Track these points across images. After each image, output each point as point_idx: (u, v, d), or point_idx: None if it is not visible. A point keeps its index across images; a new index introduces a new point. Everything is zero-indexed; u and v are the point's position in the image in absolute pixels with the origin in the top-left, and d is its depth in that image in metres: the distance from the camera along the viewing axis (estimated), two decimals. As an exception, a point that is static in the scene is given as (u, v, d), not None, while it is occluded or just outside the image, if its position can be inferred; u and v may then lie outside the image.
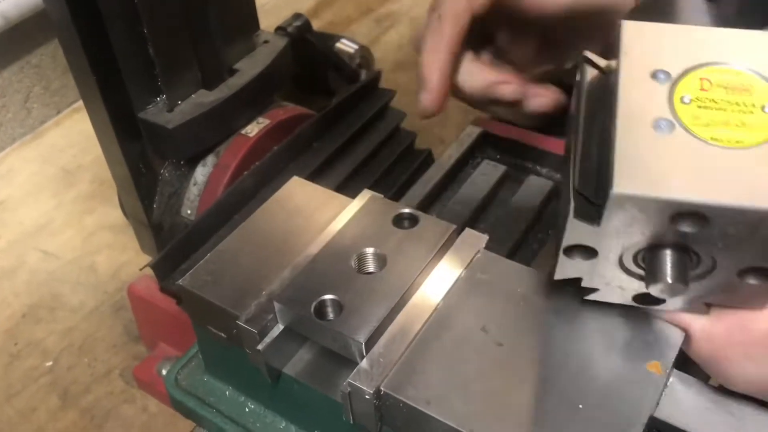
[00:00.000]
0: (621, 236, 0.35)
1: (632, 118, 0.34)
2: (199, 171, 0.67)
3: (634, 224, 0.34)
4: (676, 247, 0.35)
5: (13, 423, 0.75)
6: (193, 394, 0.50)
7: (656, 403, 0.38)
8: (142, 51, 0.61)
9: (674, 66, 0.35)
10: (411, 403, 0.38)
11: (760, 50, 0.35)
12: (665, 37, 0.36)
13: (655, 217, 0.33)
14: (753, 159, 0.32)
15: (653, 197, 0.32)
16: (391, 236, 0.45)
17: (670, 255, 0.35)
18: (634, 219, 0.34)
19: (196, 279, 0.45)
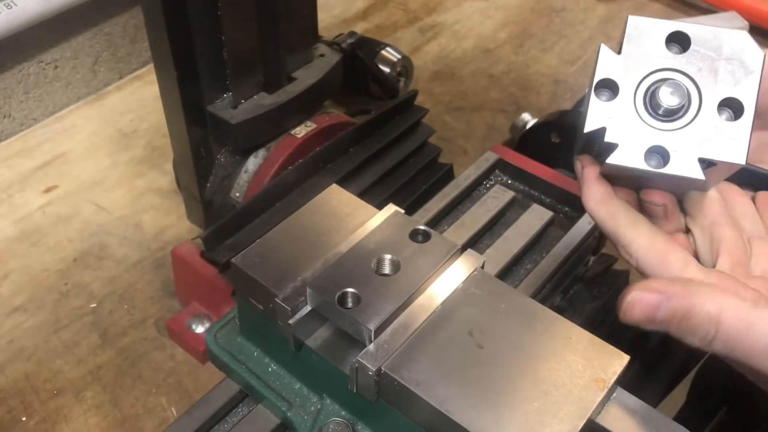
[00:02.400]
0: (636, 65, 0.48)
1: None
2: (251, 161, 0.77)
3: (644, 48, 0.47)
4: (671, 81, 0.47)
5: (58, 352, 0.86)
6: (228, 350, 0.61)
7: (596, 410, 0.49)
8: (217, 54, 0.71)
9: None
10: (404, 382, 0.49)
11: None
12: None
13: (656, 40, 0.47)
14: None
15: (654, 19, 0.47)
16: (407, 247, 0.55)
17: (668, 90, 0.47)
18: (643, 43, 0.47)
19: (247, 259, 0.56)
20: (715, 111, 0.47)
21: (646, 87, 0.48)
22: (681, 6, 1.43)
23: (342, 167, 0.79)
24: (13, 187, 1.05)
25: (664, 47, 0.48)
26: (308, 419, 0.56)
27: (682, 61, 0.47)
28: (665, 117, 0.47)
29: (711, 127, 0.47)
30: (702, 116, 0.47)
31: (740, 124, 0.47)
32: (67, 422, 0.80)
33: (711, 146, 0.47)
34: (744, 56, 0.46)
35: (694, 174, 0.47)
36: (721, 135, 0.47)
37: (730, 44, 0.47)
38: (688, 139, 0.47)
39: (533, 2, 1.44)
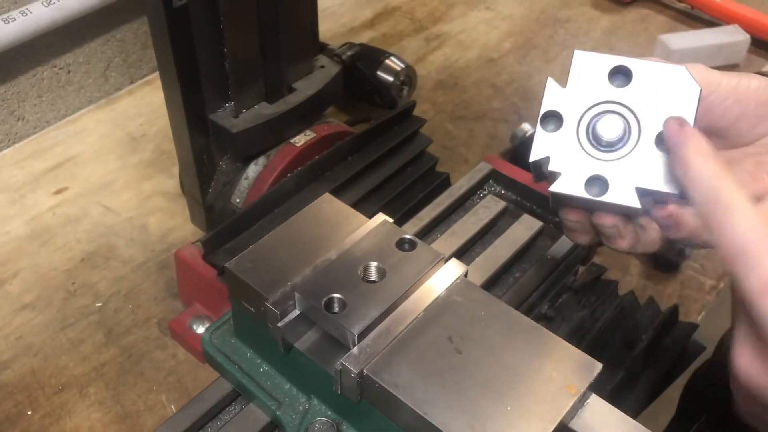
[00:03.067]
0: (580, 98, 0.50)
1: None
2: (251, 168, 0.80)
3: (588, 82, 0.50)
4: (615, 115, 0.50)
5: (64, 349, 0.89)
6: (222, 351, 0.63)
7: (568, 415, 0.51)
8: (220, 66, 0.74)
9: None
10: (384, 385, 0.51)
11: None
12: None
13: (599, 74, 0.50)
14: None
15: (598, 54, 0.50)
16: (393, 255, 0.58)
17: (608, 123, 0.50)
18: (587, 77, 0.50)
19: (240, 264, 0.58)
20: (653, 143, 0.49)
21: (588, 119, 0.50)
22: (685, 19, 1.45)
23: (340, 175, 0.81)
24: (24, 188, 1.08)
25: (607, 81, 0.50)
26: (296, 418, 0.59)
27: (624, 94, 0.50)
28: (605, 148, 0.50)
29: (648, 158, 0.49)
30: (640, 148, 0.50)
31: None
32: (70, 417, 0.82)
33: (647, 177, 0.49)
34: (682, 91, 0.49)
35: (631, 203, 0.50)
36: (658, 166, 0.49)
37: (669, 79, 0.49)
38: (626, 169, 0.50)
39: (538, 13, 1.46)
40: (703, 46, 1.30)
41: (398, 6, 1.46)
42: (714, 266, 1.00)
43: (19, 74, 1.10)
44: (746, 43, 1.31)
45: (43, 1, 1.04)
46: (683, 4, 1.45)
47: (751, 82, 0.56)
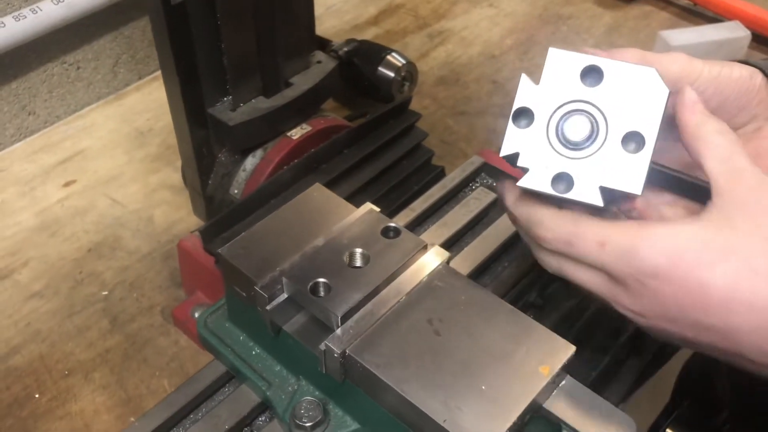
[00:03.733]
0: (551, 96, 0.52)
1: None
2: (249, 160, 0.83)
3: (560, 80, 0.51)
4: (582, 115, 0.51)
5: (71, 335, 0.92)
6: (216, 334, 0.66)
7: (541, 394, 0.53)
8: (218, 61, 0.76)
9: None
10: (365, 364, 0.53)
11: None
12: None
13: (572, 73, 0.51)
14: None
15: (573, 52, 0.51)
16: (378, 242, 0.60)
17: (577, 122, 0.51)
18: (560, 75, 0.51)
19: (232, 250, 0.61)
20: (619, 143, 0.51)
21: (558, 117, 0.52)
22: (688, 15, 1.46)
23: (335, 168, 0.84)
24: (35, 181, 1.12)
25: (579, 80, 0.51)
26: (285, 398, 0.61)
27: (595, 93, 0.51)
28: (572, 147, 0.51)
29: (614, 158, 0.51)
30: (606, 147, 0.51)
31: (640, 157, 0.50)
32: (76, 400, 0.85)
33: (611, 176, 0.51)
34: (650, 93, 0.50)
35: (594, 201, 0.51)
36: (622, 166, 0.51)
37: (638, 80, 0.50)
38: (592, 167, 0.51)
39: (541, 10, 1.47)
40: (703, 42, 1.31)
41: (402, 3, 1.49)
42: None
43: (30, 70, 1.14)
44: (747, 39, 1.32)
45: (53, -1, 1.07)
46: (685, 0, 1.46)
47: (732, 72, 0.57)
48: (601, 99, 0.51)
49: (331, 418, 0.59)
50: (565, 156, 0.51)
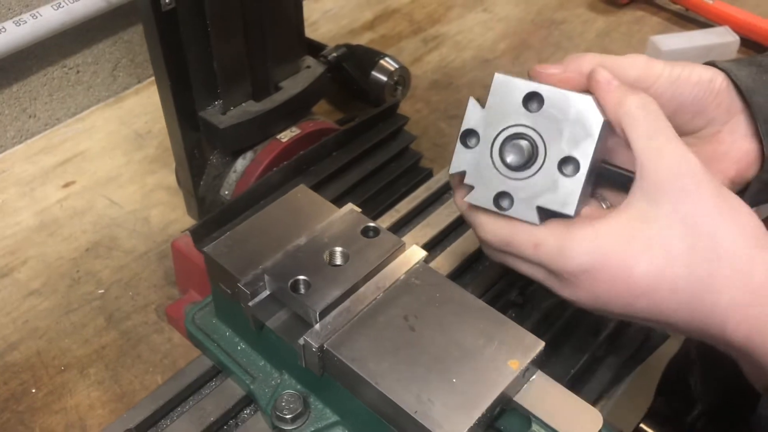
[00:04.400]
0: (496, 119, 0.55)
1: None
2: (239, 162, 0.85)
3: (504, 104, 0.54)
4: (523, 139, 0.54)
5: (67, 332, 0.94)
6: (203, 330, 0.68)
7: (511, 387, 0.55)
8: (208, 65, 0.78)
9: None
10: (342, 358, 0.56)
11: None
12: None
13: (515, 98, 0.54)
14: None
15: (516, 79, 0.54)
16: (357, 241, 0.62)
17: (518, 144, 0.54)
18: (504, 100, 0.54)
19: (217, 249, 0.63)
20: (556, 166, 0.54)
21: (501, 140, 0.55)
22: (679, 20, 1.48)
23: (324, 170, 0.86)
24: (35, 182, 1.14)
25: (521, 105, 0.54)
26: (269, 392, 0.64)
27: (535, 119, 0.54)
28: (513, 168, 0.54)
29: (550, 180, 0.54)
30: (544, 170, 0.54)
31: (574, 180, 0.53)
32: (71, 395, 0.88)
33: (548, 197, 0.54)
34: (586, 120, 0.53)
35: (531, 219, 0.55)
36: (557, 188, 0.54)
37: (576, 107, 0.53)
38: (530, 188, 0.54)
39: (534, 14, 1.50)
40: (693, 47, 1.33)
41: (398, 8, 1.51)
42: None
43: (30, 74, 1.16)
44: (736, 44, 1.34)
45: (53, 5, 1.10)
46: (677, 5, 1.48)
47: (691, 76, 0.59)
48: (541, 124, 0.54)
49: (312, 410, 0.61)
50: (506, 176, 0.55)
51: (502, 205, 0.56)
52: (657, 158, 0.52)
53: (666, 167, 0.52)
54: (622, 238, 0.52)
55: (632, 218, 0.52)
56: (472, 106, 0.56)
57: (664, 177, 0.51)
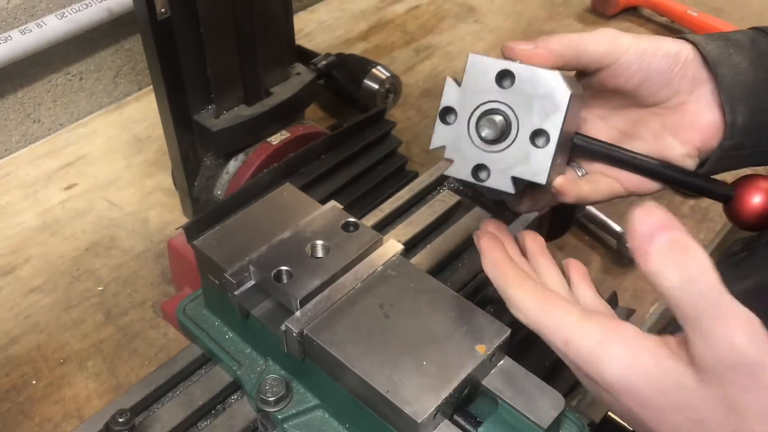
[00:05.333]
0: (471, 96, 0.58)
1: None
2: (231, 164, 0.89)
3: (478, 82, 0.57)
4: (498, 114, 0.57)
5: (67, 327, 0.98)
6: (193, 320, 0.72)
7: (478, 370, 0.59)
8: (202, 72, 0.83)
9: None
10: (321, 343, 0.60)
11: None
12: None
13: (488, 76, 0.57)
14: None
15: (489, 58, 0.57)
16: (338, 235, 0.66)
17: (493, 119, 0.57)
18: (479, 78, 0.57)
19: (206, 242, 0.67)
20: (528, 139, 0.57)
21: (477, 115, 0.58)
22: (665, 32, 1.52)
23: (313, 171, 0.90)
24: (38, 184, 1.18)
25: (494, 82, 0.58)
26: (254, 378, 0.67)
27: (508, 95, 0.57)
28: (489, 142, 0.58)
29: (523, 152, 0.58)
30: (517, 143, 0.58)
31: (545, 151, 0.57)
32: (70, 387, 0.92)
33: (521, 168, 0.58)
34: (554, 95, 0.56)
35: (507, 189, 0.59)
36: (530, 159, 0.58)
37: (544, 83, 0.56)
38: (505, 160, 0.58)
39: (524, 25, 1.54)
40: (676, 57, 1.37)
41: (392, 19, 1.55)
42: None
43: (35, 81, 1.21)
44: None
45: (57, 14, 1.14)
46: (663, 17, 1.53)
47: (658, 50, 0.62)
48: (513, 99, 0.57)
49: (294, 394, 0.65)
50: (482, 150, 0.58)
51: (480, 176, 0.59)
52: (708, 342, 0.44)
53: (717, 355, 0.44)
54: (658, 382, 0.48)
55: (672, 370, 0.47)
56: (449, 85, 0.59)
57: (714, 364, 0.45)
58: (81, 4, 1.16)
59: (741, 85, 0.63)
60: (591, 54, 0.61)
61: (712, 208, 1.15)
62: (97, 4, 1.17)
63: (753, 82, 0.64)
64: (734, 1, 1.59)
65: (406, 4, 1.60)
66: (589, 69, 0.63)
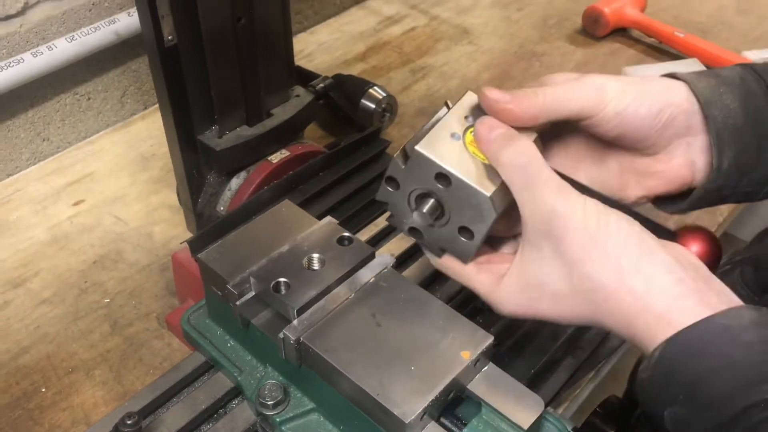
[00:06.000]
0: (412, 180, 0.63)
1: (444, 127, 0.62)
2: (233, 181, 0.94)
3: (420, 173, 0.62)
4: (433, 199, 0.63)
5: (75, 337, 1.02)
6: (197, 329, 0.77)
7: (463, 375, 0.63)
8: (206, 94, 0.87)
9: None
10: (316, 350, 0.64)
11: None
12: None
13: (429, 172, 0.61)
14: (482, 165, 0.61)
15: (433, 159, 0.61)
16: (333, 249, 0.71)
17: (428, 203, 0.63)
18: (421, 170, 0.62)
19: (209, 255, 0.72)
20: (456, 229, 0.64)
21: (416, 194, 0.64)
22: (653, 52, 1.57)
23: (311, 188, 0.94)
24: (47, 200, 1.23)
25: (433, 179, 0.62)
26: (254, 383, 0.72)
27: (444, 192, 0.62)
28: (422, 217, 0.64)
29: (452, 235, 0.64)
30: (448, 227, 0.64)
31: (469, 244, 0.64)
32: (78, 394, 0.96)
33: (448, 245, 0.66)
34: (482, 211, 0.61)
35: (435, 254, 0.67)
36: (456, 243, 0.65)
37: (474, 198, 0.61)
38: (435, 234, 0.65)
39: (517, 47, 1.59)
40: (663, 77, 1.42)
41: (389, 41, 1.60)
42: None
43: (45, 100, 1.26)
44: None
45: (67, 37, 1.19)
46: (651, 38, 1.58)
47: (640, 107, 0.63)
48: (448, 197, 0.63)
49: (291, 398, 0.69)
50: (417, 218, 0.65)
51: (413, 236, 0.67)
52: (532, 207, 0.58)
53: (539, 214, 0.58)
54: (523, 286, 0.61)
55: (524, 263, 0.61)
56: (394, 164, 0.64)
57: (539, 224, 0.58)
58: (90, 27, 1.21)
59: (730, 127, 0.65)
60: (568, 112, 0.63)
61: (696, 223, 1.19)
62: (106, 28, 1.22)
63: (741, 124, 0.65)
64: (721, 23, 1.65)
65: (402, 27, 1.65)
66: (566, 121, 0.65)
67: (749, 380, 0.50)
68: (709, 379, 0.51)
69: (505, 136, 0.60)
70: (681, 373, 0.52)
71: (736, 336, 0.51)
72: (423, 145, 0.61)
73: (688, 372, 0.52)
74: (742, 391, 0.50)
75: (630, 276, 0.55)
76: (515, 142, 0.59)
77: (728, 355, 0.51)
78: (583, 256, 0.56)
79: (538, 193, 0.57)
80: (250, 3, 0.84)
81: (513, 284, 0.62)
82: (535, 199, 0.57)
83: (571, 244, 0.56)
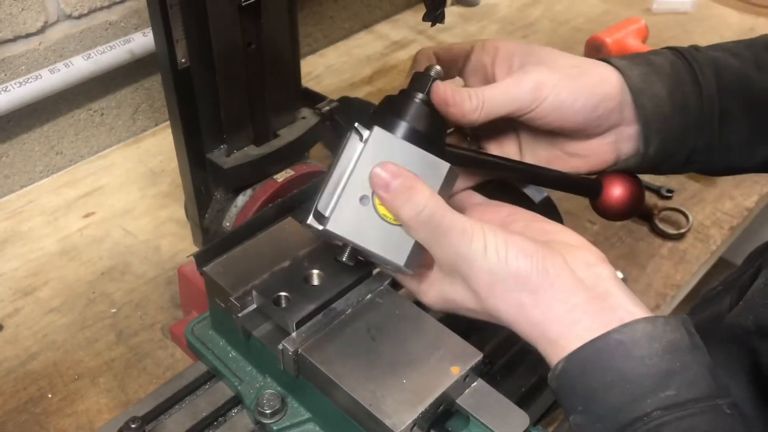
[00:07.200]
0: (329, 239, 0.66)
1: (353, 191, 0.63)
2: (240, 198, 0.97)
3: (335, 239, 0.65)
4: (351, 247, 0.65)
5: (81, 346, 1.06)
6: (200, 339, 0.80)
7: (452, 388, 0.66)
8: (215, 114, 0.91)
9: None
10: (313, 362, 0.67)
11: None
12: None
13: (343, 242, 0.64)
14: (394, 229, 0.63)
15: (344, 237, 0.63)
16: (332, 266, 0.74)
17: (346, 251, 0.65)
18: (335, 239, 0.65)
19: (214, 269, 0.75)
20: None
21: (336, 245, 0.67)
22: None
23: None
24: (58, 212, 1.27)
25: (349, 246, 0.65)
26: (253, 393, 0.75)
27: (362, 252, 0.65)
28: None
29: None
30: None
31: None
32: (83, 401, 0.99)
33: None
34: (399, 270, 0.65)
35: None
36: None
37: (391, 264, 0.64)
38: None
39: (520, 74, 1.63)
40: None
41: (395, 65, 1.65)
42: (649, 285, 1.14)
43: (59, 115, 1.30)
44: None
45: (84, 55, 1.24)
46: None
47: (576, 102, 0.68)
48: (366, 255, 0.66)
49: (288, 408, 0.72)
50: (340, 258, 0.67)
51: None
52: (440, 253, 0.62)
53: (447, 258, 0.62)
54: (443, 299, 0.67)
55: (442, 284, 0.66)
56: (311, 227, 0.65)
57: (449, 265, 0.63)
58: (106, 46, 1.25)
59: (659, 116, 0.70)
60: (506, 111, 0.68)
61: (689, 250, 1.22)
62: (121, 47, 1.26)
63: (669, 112, 0.70)
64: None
65: (409, 51, 1.69)
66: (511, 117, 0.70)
67: (636, 394, 0.54)
68: (602, 392, 0.55)
69: (402, 188, 0.60)
70: (580, 384, 0.57)
71: (629, 351, 0.55)
72: (332, 222, 0.62)
73: (586, 384, 0.56)
74: (630, 404, 0.54)
75: (529, 309, 0.59)
76: (414, 195, 0.60)
77: (620, 370, 0.55)
78: (488, 293, 0.61)
79: (443, 242, 0.60)
80: (259, 30, 0.87)
81: (434, 296, 0.66)
82: (442, 246, 0.61)
83: (478, 282, 0.61)
